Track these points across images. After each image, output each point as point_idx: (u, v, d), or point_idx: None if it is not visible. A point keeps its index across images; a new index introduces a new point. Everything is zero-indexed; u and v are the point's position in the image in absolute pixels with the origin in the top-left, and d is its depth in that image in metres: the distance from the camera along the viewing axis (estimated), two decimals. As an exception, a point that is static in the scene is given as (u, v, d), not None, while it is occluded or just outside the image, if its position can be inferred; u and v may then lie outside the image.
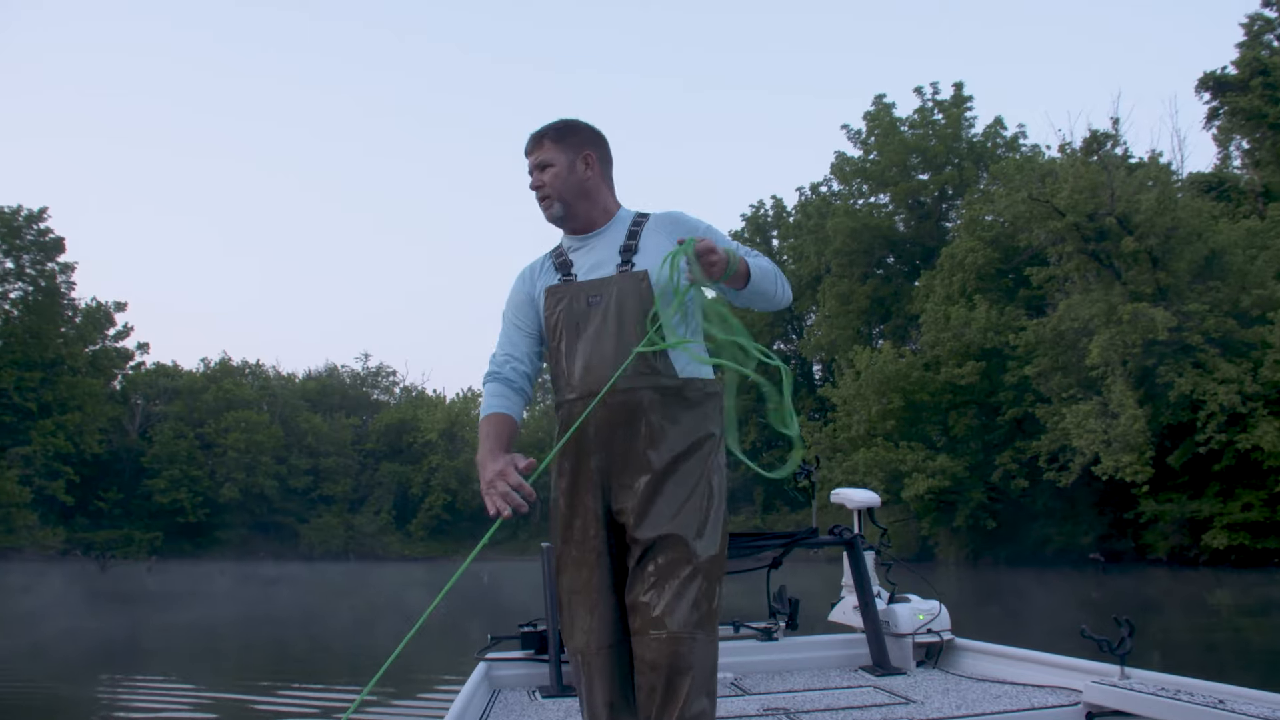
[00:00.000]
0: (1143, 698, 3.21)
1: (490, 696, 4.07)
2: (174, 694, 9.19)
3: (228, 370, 72.42)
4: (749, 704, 3.80)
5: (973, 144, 48.25)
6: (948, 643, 4.57)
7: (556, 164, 2.67)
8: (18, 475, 53.99)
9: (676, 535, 2.41)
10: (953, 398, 38.63)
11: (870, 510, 5.08)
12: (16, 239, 61.15)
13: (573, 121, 2.76)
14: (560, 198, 2.68)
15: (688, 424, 2.52)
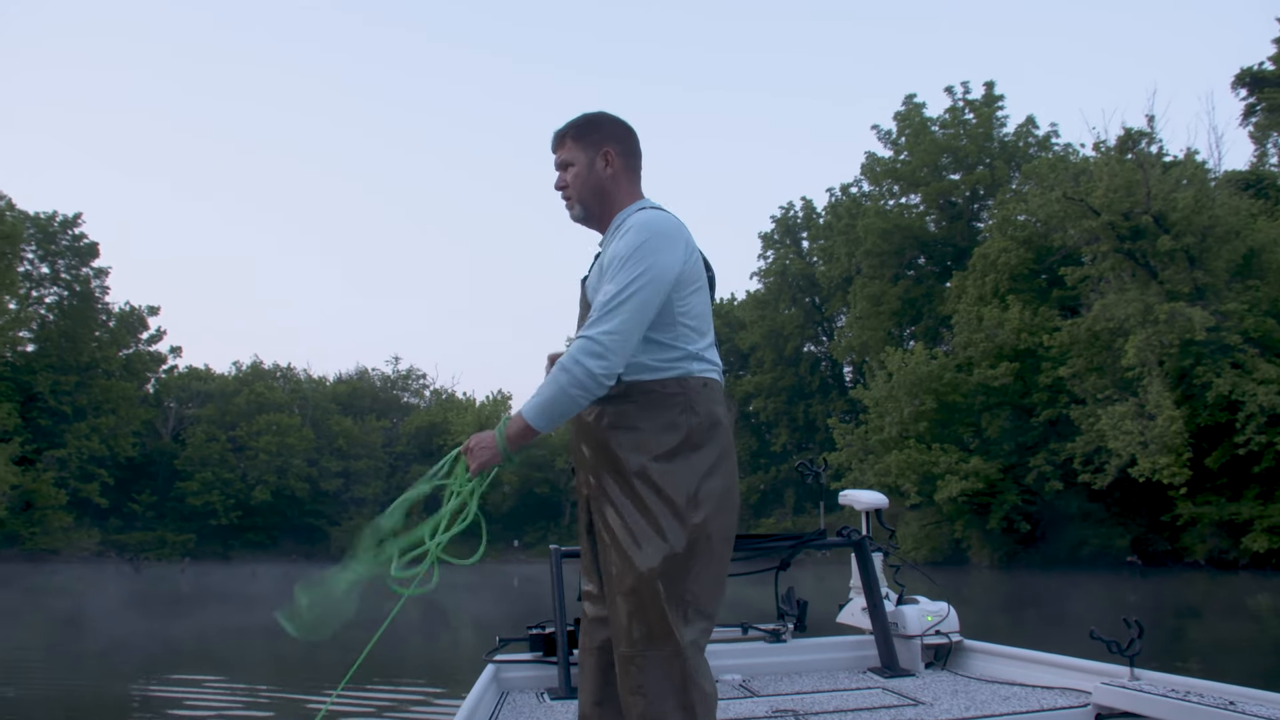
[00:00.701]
0: (1152, 699, 3.19)
1: (499, 698, 4.06)
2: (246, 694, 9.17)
3: (259, 373, 72.89)
4: (758, 705, 3.77)
5: (1004, 143, 47.88)
6: (956, 644, 4.56)
7: (577, 163, 2.63)
8: (53, 478, 54.58)
9: (618, 547, 2.38)
10: (986, 399, 38.25)
11: (878, 512, 5.00)
12: (51, 244, 61.83)
13: (595, 116, 2.70)
14: (580, 199, 2.64)
15: (629, 430, 2.45)
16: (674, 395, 2.46)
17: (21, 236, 53.91)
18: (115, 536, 58.73)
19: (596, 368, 2.33)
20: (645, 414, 2.45)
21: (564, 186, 2.66)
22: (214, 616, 19.20)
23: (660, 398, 2.45)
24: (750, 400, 59.25)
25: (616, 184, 2.65)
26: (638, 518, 2.37)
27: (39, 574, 40.44)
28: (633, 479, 2.40)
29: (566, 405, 2.38)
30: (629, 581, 2.34)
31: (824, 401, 56.42)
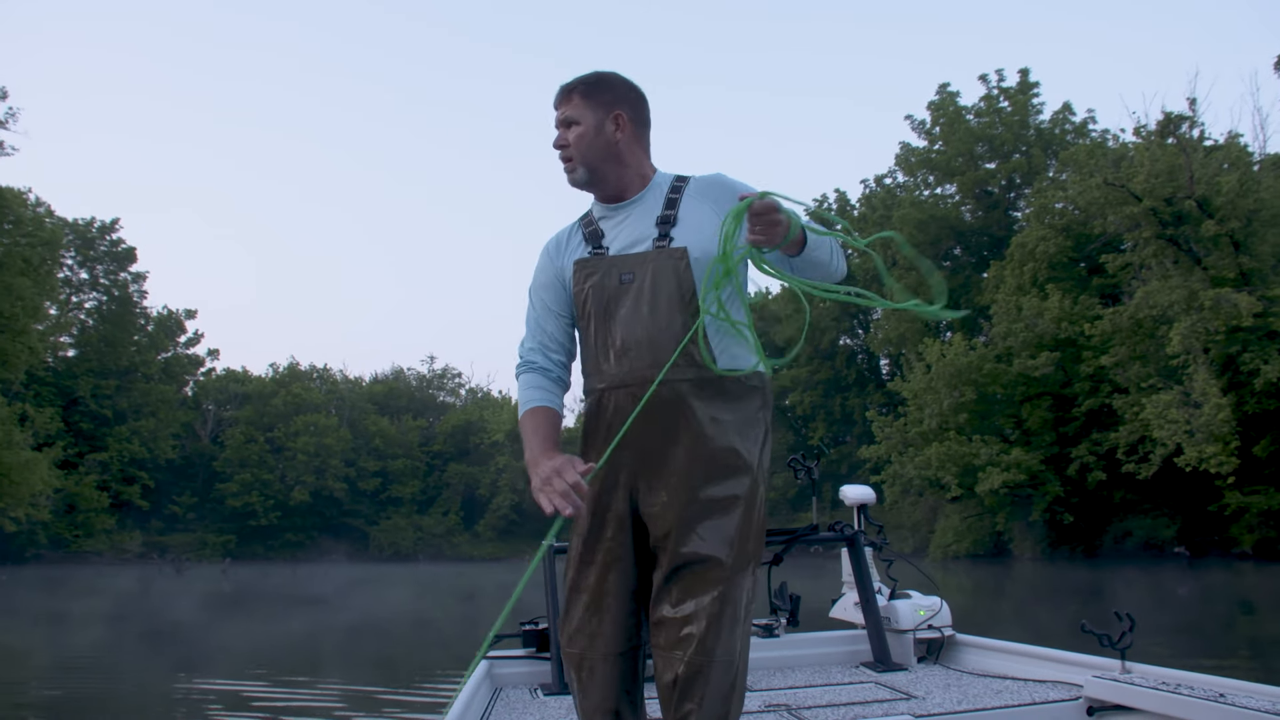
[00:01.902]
0: (1143, 692, 3.20)
1: (492, 694, 4.06)
2: (341, 694, 9.12)
3: (296, 375, 73.45)
4: (751, 700, 3.74)
5: (1041, 131, 47.34)
6: (949, 638, 4.57)
7: (584, 122, 2.42)
8: (96, 481, 55.23)
9: (709, 550, 2.23)
10: (1026, 389, 37.84)
11: (864, 507, 4.98)
12: (90, 250, 62.58)
13: (607, 75, 2.50)
14: (584, 161, 2.44)
15: (730, 423, 2.30)
16: (756, 389, 2.37)
17: (61, 243, 54.49)
18: (157, 538, 59.38)
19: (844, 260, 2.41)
20: (744, 403, 2.34)
21: (564, 145, 2.45)
22: (306, 617, 19.16)
23: (747, 389, 2.35)
24: (786, 394, 58.93)
25: (630, 149, 2.46)
26: (736, 517, 2.26)
27: (93, 576, 40.92)
28: (749, 477, 2.30)
29: (823, 255, 2.33)
30: (723, 584, 2.22)
31: (861, 394, 56.02)
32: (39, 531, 49.50)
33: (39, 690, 9.47)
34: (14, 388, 48.71)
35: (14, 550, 48.61)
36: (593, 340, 2.43)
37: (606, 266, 2.40)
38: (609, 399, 2.38)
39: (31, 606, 23.26)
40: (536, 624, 4.43)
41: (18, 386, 49.71)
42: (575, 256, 2.48)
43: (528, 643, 4.39)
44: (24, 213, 48.61)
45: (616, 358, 2.37)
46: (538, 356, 2.52)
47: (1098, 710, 3.38)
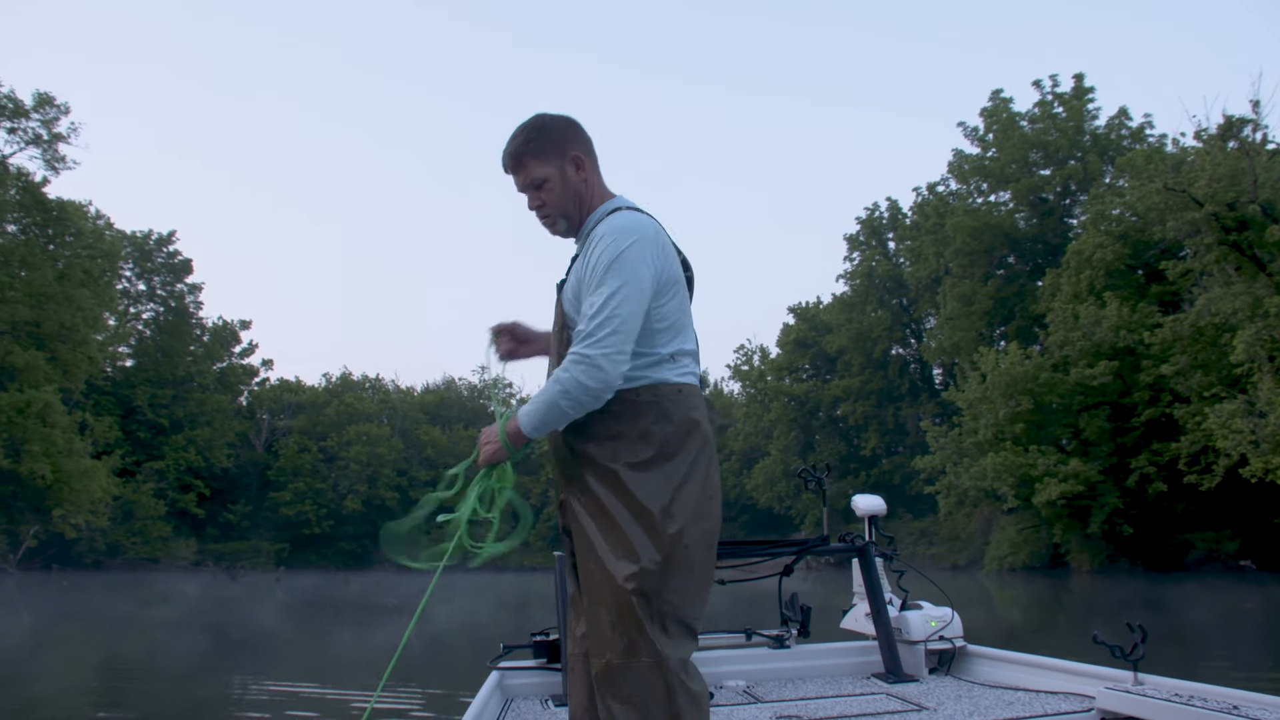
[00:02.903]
0: (1156, 703, 3.19)
1: (503, 705, 4.09)
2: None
3: (349, 385, 74.07)
4: (762, 712, 3.78)
5: (1096, 136, 46.63)
6: (960, 649, 4.58)
7: (549, 177, 2.52)
8: (152, 489, 55.98)
9: (595, 558, 2.36)
10: (1084, 399, 37.16)
11: (875, 518, 4.98)
12: (148, 262, 63.60)
13: (539, 123, 2.56)
14: (563, 212, 2.56)
15: (603, 440, 2.42)
16: (647, 403, 2.42)
17: (120, 254, 55.49)
18: (212, 546, 60.04)
19: (593, 383, 2.32)
20: (619, 423, 2.41)
21: (542, 205, 2.56)
22: (398, 625, 19.22)
23: (633, 406, 2.41)
24: (838, 404, 58.49)
25: (591, 185, 2.57)
26: (613, 529, 2.35)
27: (159, 582, 41.46)
28: (607, 489, 2.38)
29: (557, 417, 2.39)
30: (608, 593, 2.31)
31: (914, 404, 55.48)
32: (98, 538, 50.23)
33: (164, 699, 9.52)
34: (74, 397, 49.58)
35: (74, 556, 49.37)
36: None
37: (556, 302, 2.63)
38: None
39: (115, 612, 23.55)
40: (547, 634, 4.45)
41: (78, 396, 50.61)
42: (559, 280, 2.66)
43: (538, 653, 4.42)
44: (84, 225, 49.57)
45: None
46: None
47: None
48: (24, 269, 43.62)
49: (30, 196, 44.42)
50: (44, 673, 11.47)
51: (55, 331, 44.51)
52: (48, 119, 44.25)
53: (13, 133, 43.88)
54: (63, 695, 9.55)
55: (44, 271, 43.94)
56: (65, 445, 43.17)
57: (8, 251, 43.92)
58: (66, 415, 44.78)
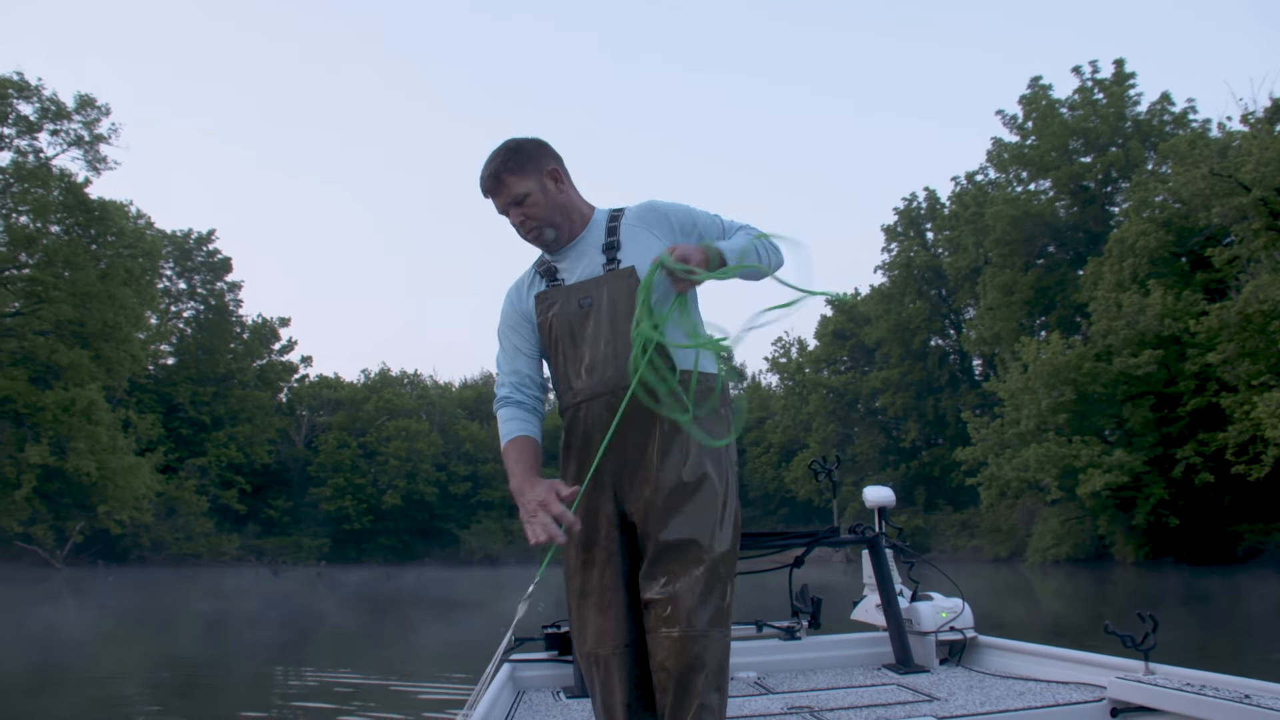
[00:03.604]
0: (1167, 693, 3.18)
1: (515, 697, 4.10)
2: None
3: (387, 380, 74.40)
4: (773, 703, 3.79)
5: (1138, 122, 45.98)
6: (971, 640, 4.58)
7: (531, 192, 2.61)
8: (195, 485, 56.54)
9: (689, 535, 2.41)
10: (1128, 388, 36.64)
11: (884, 509, 4.96)
12: (188, 260, 64.25)
13: (515, 145, 2.66)
14: (550, 223, 2.63)
15: (707, 416, 2.50)
16: (720, 390, 2.56)
17: (161, 254, 56.03)
18: (254, 542, 60.51)
19: (781, 260, 2.62)
20: (700, 403, 2.48)
21: (524, 220, 2.64)
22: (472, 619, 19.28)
23: (707, 389, 2.52)
24: (877, 396, 58.10)
25: (571, 196, 2.68)
26: (710, 502, 2.44)
27: (210, 577, 41.92)
28: (718, 468, 2.49)
29: (753, 259, 2.54)
30: (705, 563, 2.39)
31: (954, 395, 55.04)
32: (142, 534, 50.83)
33: (257, 693, 9.58)
34: (118, 395, 50.11)
35: (119, 552, 49.99)
36: (562, 363, 2.67)
37: (565, 295, 2.63)
38: (584, 411, 2.61)
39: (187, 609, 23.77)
40: (558, 627, 4.46)
41: (121, 394, 51.15)
42: (536, 291, 2.73)
43: (550, 645, 4.45)
44: (126, 225, 50.07)
45: (586, 373, 2.58)
46: (513, 392, 2.79)
47: (1121, 712, 3.36)
48: (68, 269, 44.08)
49: (73, 197, 44.89)
50: (139, 669, 11.57)
51: (99, 330, 44.98)
52: (89, 120, 44.72)
53: (55, 134, 44.41)
54: (154, 692, 9.60)
55: (87, 271, 44.39)
56: (110, 442, 43.66)
57: (52, 252, 44.45)
58: (110, 413, 45.28)
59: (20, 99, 43.00)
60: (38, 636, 15.62)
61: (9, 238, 44.44)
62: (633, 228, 2.62)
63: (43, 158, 44.39)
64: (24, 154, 44.08)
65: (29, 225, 44.74)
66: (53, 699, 8.87)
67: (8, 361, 42.88)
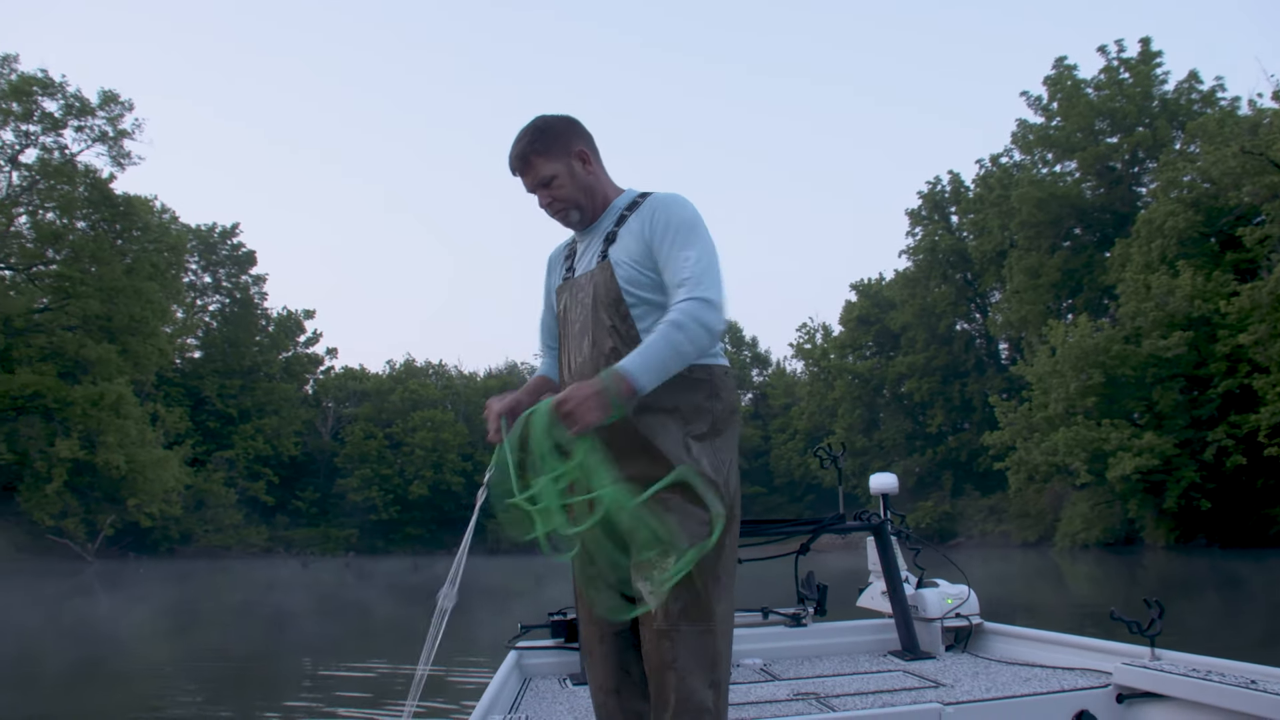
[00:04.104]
0: (1173, 678, 3.18)
1: (521, 684, 4.12)
2: None
3: (412, 371, 74.61)
4: (779, 689, 3.78)
5: (1165, 102, 45.46)
6: (977, 626, 4.58)
7: (558, 174, 2.60)
8: (223, 477, 56.93)
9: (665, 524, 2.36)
10: (1157, 371, 36.25)
11: (888, 495, 4.95)
12: (213, 254, 64.55)
13: (542, 124, 2.64)
14: (576, 204, 2.63)
15: (664, 411, 2.43)
16: (701, 380, 2.47)
17: (185, 248, 56.32)
18: (282, 533, 60.90)
19: (717, 324, 2.34)
20: (674, 396, 2.42)
21: (553, 202, 2.63)
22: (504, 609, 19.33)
23: (689, 382, 2.44)
24: (903, 381, 57.81)
25: (599, 177, 2.66)
26: (676, 494, 2.35)
27: (242, 568, 42.19)
28: (688, 458, 2.41)
29: (676, 364, 2.31)
30: (670, 559, 2.32)
31: (980, 380, 54.70)
32: (172, 526, 51.25)
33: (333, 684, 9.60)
34: (145, 389, 50.52)
35: (149, 544, 50.40)
36: (562, 351, 2.71)
37: (570, 288, 2.66)
38: None
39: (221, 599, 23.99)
40: (564, 614, 4.47)
41: (149, 387, 51.55)
42: (555, 283, 2.78)
43: (556, 633, 4.47)
44: (151, 220, 50.37)
45: (572, 368, 2.61)
46: (550, 340, 2.89)
47: (1127, 697, 3.35)
48: (94, 264, 44.41)
49: (98, 193, 45.20)
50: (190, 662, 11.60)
51: (126, 325, 45.30)
52: (113, 116, 45.02)
53: (80, 131, 44.73)
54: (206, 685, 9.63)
55: (113, 266, 44.70)
56: (138, 436, 43.99)
57: (78, 247, 44.78)
58: (139, 407, 45.62)
59: (45, 96, 43.33)
60: (81, 631, 15.73)
61: (36, 234, 44.82)
62: (635, 219, 2.57)
63: (68, 154, 44.70)
64: (49, 151, 44.46)
65: (56, 221, 45.09)
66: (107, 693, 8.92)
67: (37, 357, 43.27)
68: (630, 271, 2.50)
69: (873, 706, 3.37)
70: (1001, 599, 17.55)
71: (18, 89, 42.47)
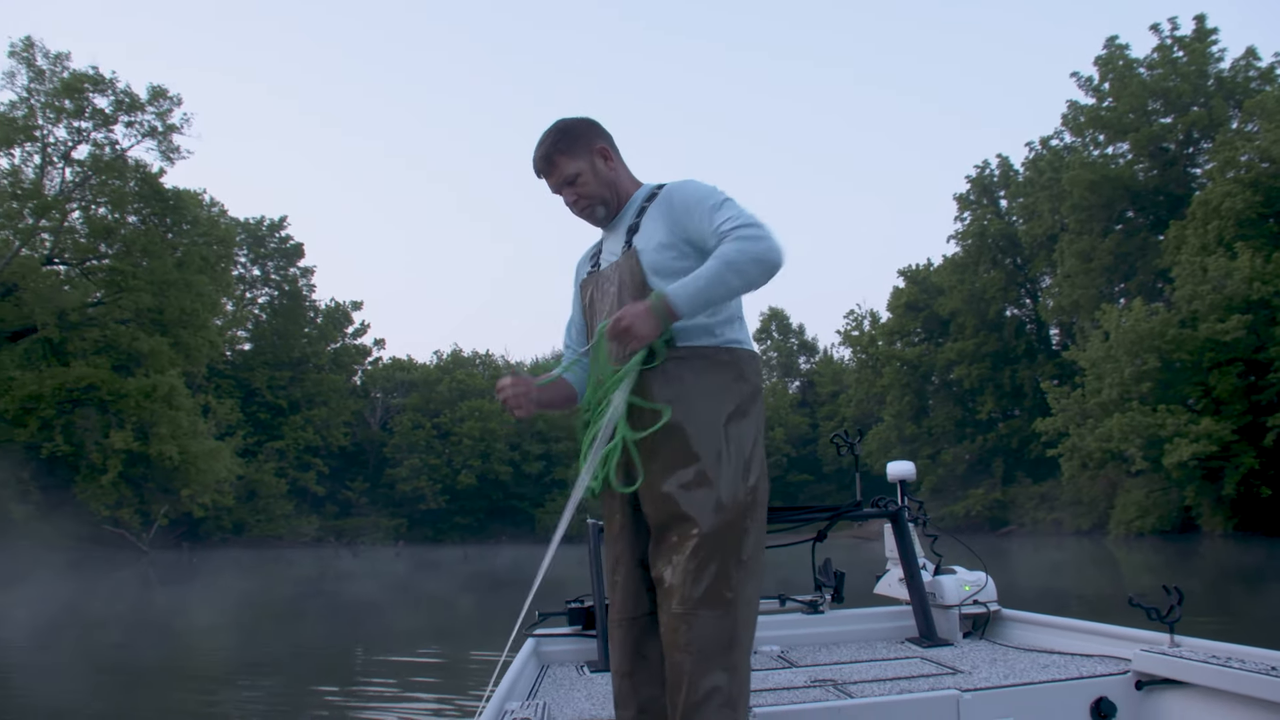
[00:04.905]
0: (1192, 665, 3.15)
1: (539, 671, 4.14)
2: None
3: (459, 361, 74.98)
4: (796, 676, 3.78)
5: (1221, 80, 44.47)
6: (994, 613, 4.56)
7: (582, 172, 2.68)
8: (274, 468, 57.56)
9: (683, 510, 2.42)
10: (1215, 355, 35.56)
11: (905, 482, 4.91)
12: (261, 247, 65.17)
13: (565, 125, 2.73)
14: (601, 201, 2.71)
15: (690, 395, 2.48)
16: (726, 363, 2.53)
17: (234, 241, 56.89)
18: (333, 522, 61.52)
19: (765, 254, 2.39)
20: (702, 377, 2.49)
21: (578, 199, 2.71)
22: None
23: (714, 364, 2.52)
24: (952, 368, 57.18)
25: (620, 173, 2.75)
26: (702, 477, 2.42)
27: (301, 558, 42.58)
28: (715, 442, 2.45)
29: (722, 294, 2.43)
30: (691, 540, 2.39)
31: (1031, 366, 53.94)
32: (224, 516, 51.92)
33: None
34: (197, 380, 51.15)
35: (202, 534, 51.11)
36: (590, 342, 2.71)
37: (596, 280, 2.76)
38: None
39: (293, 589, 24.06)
40: (582, 601, 4.51)
41: (200, 379, 52.18)
42: (581, 277, 2.88)
43: (573, 620, 4.49)
44: (200, 213, 50.92)
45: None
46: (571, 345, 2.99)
47: (1146, 684, 3.33)
48: (145, 258, 44.92)
49: (148, 187, 45.68)
50: (280, 653, 11.66)
51: (177, 318, 45.81)
52: (162, 111, 45.44)
53: (130, 126, 45.21)
54: (308, 674, 9.72)
55: (164, 260, 45.20)
56: (190, 427, 44.52)
57: (130, 241, 45.33)
58: (190, 398, 46.16)
59: (95, 92, 43.84)
60: (163, 622, 15.85)
61: (89, 229, 45.41)
62: (657, 208, 2.64)
63: (118, 149, 45.23)
64: (100, 146, 44.98)
65: (108, 216, 45.66)
66: (213, 688, 8.93)
67: (91, 350, 43.90)
68: (655, 257, 2.56)
69: (890, 693, 3.36)
70: (1054, 588, 17.31)
71: (69, 86, 43.02)
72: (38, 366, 43.14)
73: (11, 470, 38.50)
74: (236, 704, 8.04)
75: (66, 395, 41.92)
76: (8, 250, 41.50)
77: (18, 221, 42.40)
